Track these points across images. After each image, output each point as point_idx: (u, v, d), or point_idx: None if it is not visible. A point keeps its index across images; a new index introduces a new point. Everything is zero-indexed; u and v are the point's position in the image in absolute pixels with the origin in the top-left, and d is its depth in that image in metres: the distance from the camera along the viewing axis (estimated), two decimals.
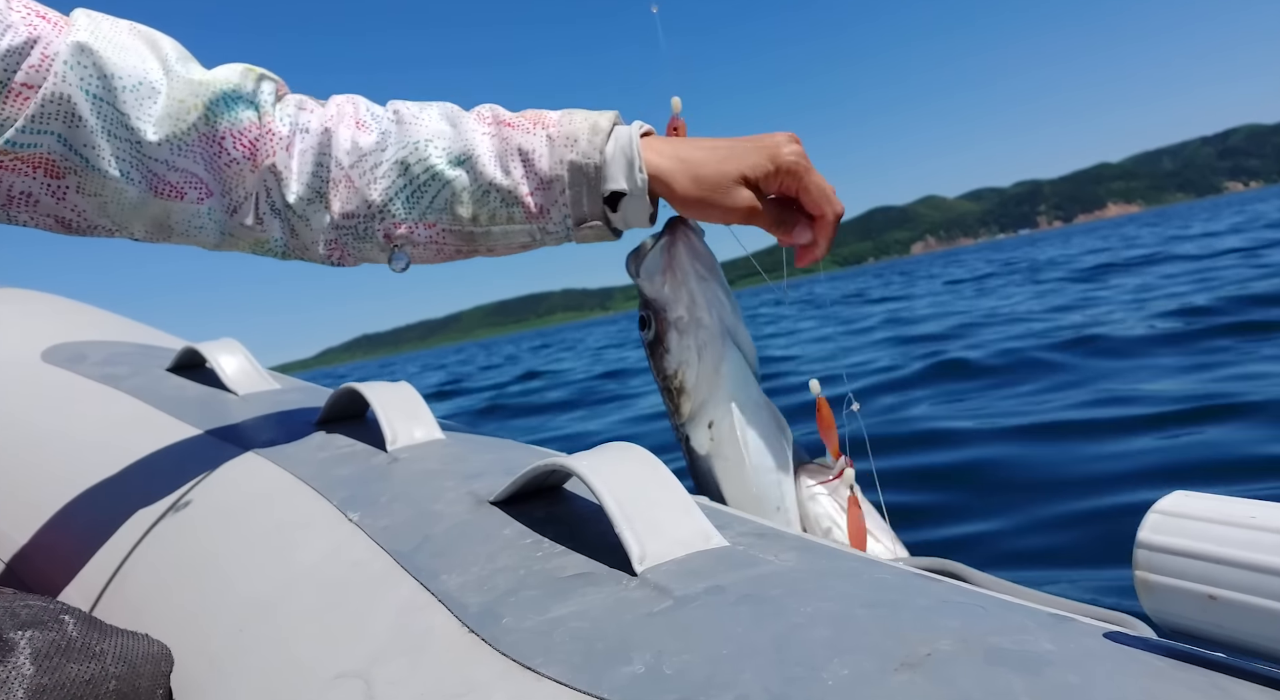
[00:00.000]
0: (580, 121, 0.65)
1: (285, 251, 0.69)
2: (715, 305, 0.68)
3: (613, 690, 0.33)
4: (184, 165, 0.61)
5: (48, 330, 1.07)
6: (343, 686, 0.40)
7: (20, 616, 0.44)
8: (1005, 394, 3.01)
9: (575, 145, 0.65)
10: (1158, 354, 3.21)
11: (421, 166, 0.65)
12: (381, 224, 0.67)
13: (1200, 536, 0.28)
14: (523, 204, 0.66)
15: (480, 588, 0.43)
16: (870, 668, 0.30)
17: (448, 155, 0.66)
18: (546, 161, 0.65)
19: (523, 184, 0.66)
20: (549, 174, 0.65)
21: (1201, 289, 4.86)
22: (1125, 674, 0.29)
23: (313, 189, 0.66)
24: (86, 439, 0.82)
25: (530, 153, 0.65)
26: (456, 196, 0.66)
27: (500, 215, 0.67)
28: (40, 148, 0.56)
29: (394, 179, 0.66)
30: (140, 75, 0.59)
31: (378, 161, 0.66)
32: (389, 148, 0.66)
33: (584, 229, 0.67)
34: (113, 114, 0.58)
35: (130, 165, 0.60)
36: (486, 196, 0.66)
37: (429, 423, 0.69)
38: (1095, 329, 3.97)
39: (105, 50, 0.58)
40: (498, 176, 0.65)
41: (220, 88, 0.62)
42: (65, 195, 0.59)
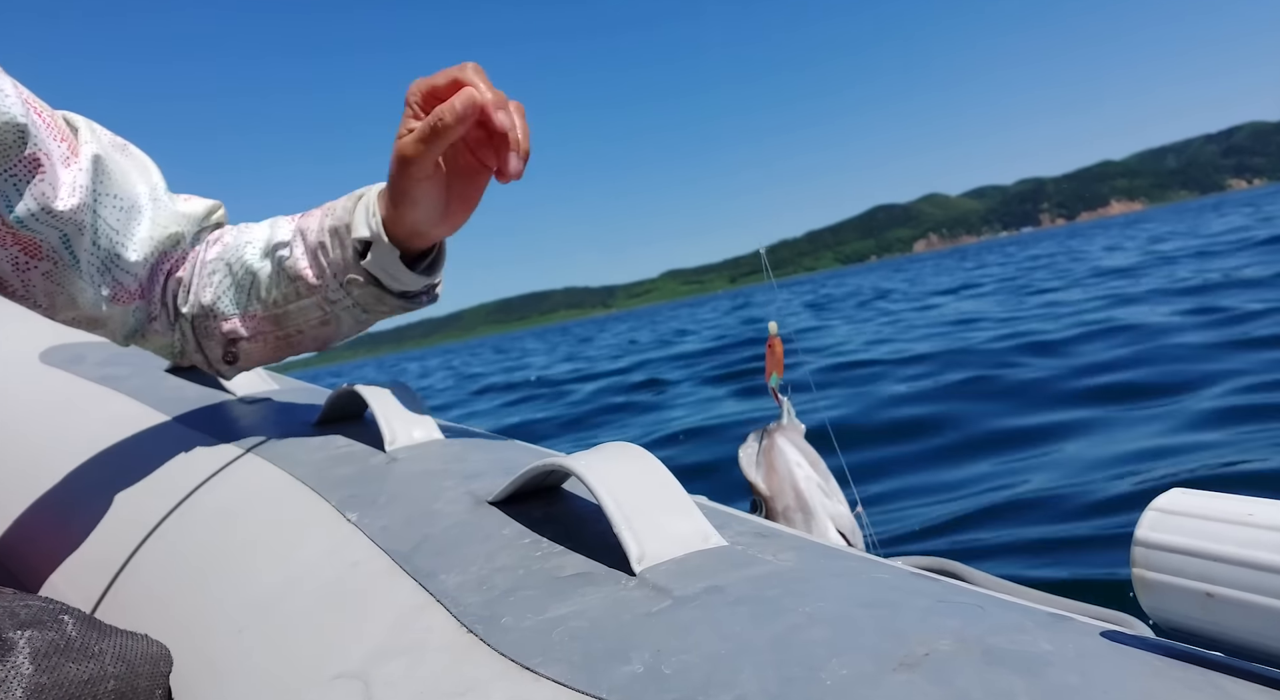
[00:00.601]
0: (349, 198, 0.70)
1: (181, 354, 0.78)
2: (817, 496, 0.76)
3: (611, 690, 0.33)
4: (141, 276, 0.69)
5: (46, 331, 1.07)
6: (341, 687, 0.40)
7: (19, 616, 0.44)
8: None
9: (334, 212, 0.70)
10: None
11: (240, 265, 0.73)
12: (215, 322, 0.74)
13: (1198, 534, 0.28)
14: (302, 276, 0.71)
15: (479, 587, 0.43)
16: (869, 668, 0.30)
17: (258, 251, 0.73)
18: (314, 233, 0.71)
19: (301, 258, 0.71)
20: (315, 242, 0.71)
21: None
22: (1124, 673, 0.29)
23: (188, 298, 0.75)
24: (85, 440, 0.82)
25: (306, 230, 0.72)
26: (262, 283, 0.73)
27: (290, 293, 0.72)
28: (40, 236, 0.60)
29: (221, 278, 0.74)
30: (133, 198, 0.67)
31: (215, 268, 0.74)
32: (222, 256, 0.74)
33: (359, 294, 0.69)
34: (105, 228, 0.65)
35: (102, 273, 0.66)
36: (280, 278, 0.72)
37: (427, 423, 0.69)
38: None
39: (112, 170, 0.65)
40: (285, 256, 0.72)
41: (194, 222, 0.73)
42: (27, 271, 0.62)
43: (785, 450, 0.77)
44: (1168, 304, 5.19)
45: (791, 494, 0.76)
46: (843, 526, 0.75)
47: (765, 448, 0.78)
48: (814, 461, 0.78)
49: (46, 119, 0.60)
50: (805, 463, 0.77)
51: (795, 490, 0.76)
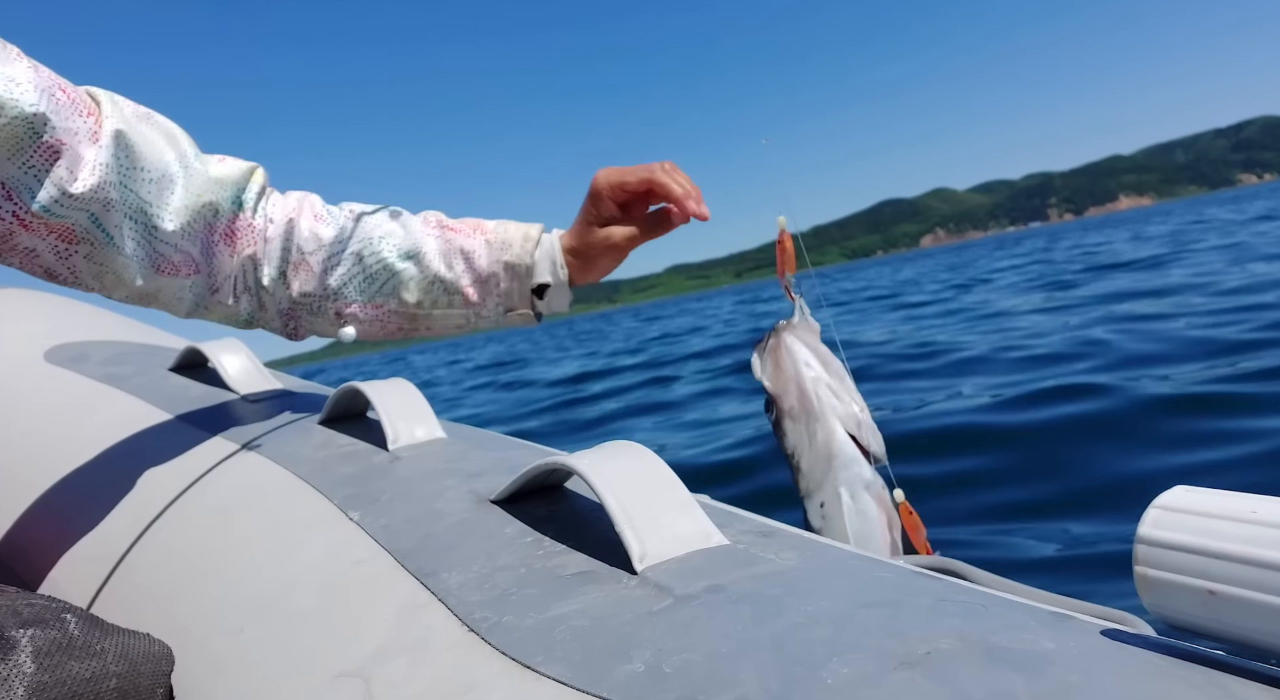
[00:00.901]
0: (514, 231, 0.78)
1: (250, 321, 0.79)
2: (825, 397, 0.73)
3: (613, 689, 0.33)
4: (186, 248, 0.69)
5: (51, 330, 1.07)
6: (343, 685, 0.40)
7: (22, 615, 0.44)
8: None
9: (510, 249, 0.77)
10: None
11: (375, 258, 0.76)
12: (334, 303, 0.77)
13: (1200, 532, 0.28)
14: (462, 294, 0.78)
15: (481, 586, 0.43)
16: (870, 667, 0.30)
17: (398, 250, 0.76)
18: (485, 261, 0.77)
19: (464, 277, 0.77)
20: (486, 271, 0.77)
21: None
22: (1126, 672, 0.29)
23: (279, 271, 0.76)
24: (89, 438, 0.82)
25: (471, 253, 0.77)
26: (404, 285, 0.77)
27: (441, 302, 0.78)
28: (70, 220, 0.61)
29: (349, 267, 0.76)
30: (163, 168, 0.67)
31: (336, 251, 0.76)
32: (347, 241, 0.76)
33: (512, 315, 0.80)
34: (135, 201, 0.65)
35: (141, 246, 0.66)
36: (432, 286, 0.77)
37: (430, 421, 0.69)
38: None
39: (137, 143, 0.65)
40: (442, 270, 0.77)
41: (231, 186, 0.72)
42: (69, 258, 0.63)
43: (794, 349, 0.74)
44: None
45: (796, 393, 0.74)
46: (854, 428, 0.73)
47: (772, 346, 0.75)
48: (826, 360, 0.75)
49: (71, 95, 0.60)
50: (815, 362, 0.74)
51: (800, 390, 0.73)
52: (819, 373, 0.74)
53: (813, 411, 0.73)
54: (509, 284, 0.77)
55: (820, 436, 0.72)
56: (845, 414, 0.73)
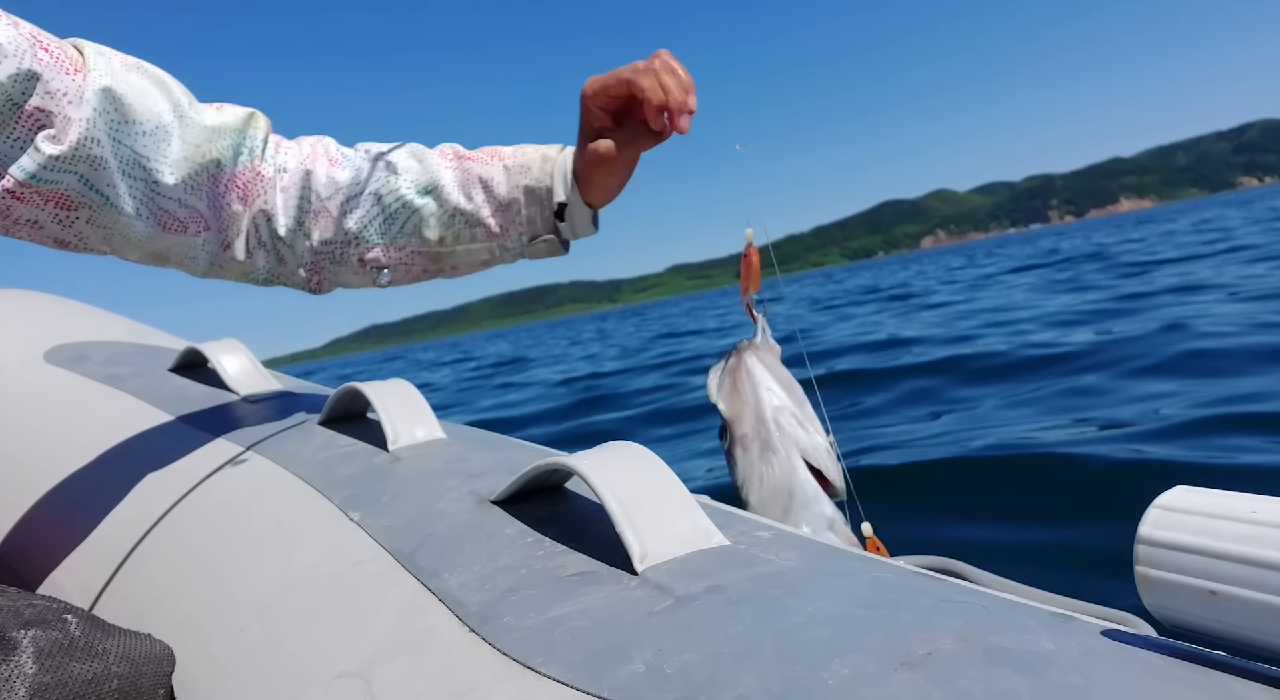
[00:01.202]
0: (532, 153, 0.75)
1: (269, 278, 0.76)
2: (789, 427, 0.68)
3: (613, 689, 0.33)
4: (192, 203, 0.67)
5: (50, 331, 1.07)
6: (343, 686, 0.40)
7: (24, 615, 0.44)
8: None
9: (529, 172, 0.74)
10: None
11: (393, 197, 0.73)
12: (356, 249, 0.74)
13: (1201, 532, 0.28)
14: (484, 225, 0.74)
15: (481, 587, 0.43)
16: (871, 667, 0.30)
17: (416, 186, 0.73)
18: (504, 187, 0.74)
19: (484, 207, 0.74)
20: (507, 197, 0.74)
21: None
22: (1126, 673, 0.29)
23: (296, 221, 0.73)
24: (89, 439, 0.82)
25: (490, 180, 0.74)
26: (424, 222, 0.74)
27: (464, 236, 0.75)
28: (60, 185, 0.59)
29: (368, 208, 0.73)
30: (156, 119, 0.64)
31: (353, 194, 0.73)
32: (363, 182, 0.73)
33: (538, 243, 0.76)
34: (131, 155, 0.62)
35: (142, 203, 0.64)
36: (452, 220, 0.74)
37: (430, 422, 0.69)
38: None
39: (126, 95, 0.62)
40: (461, 202, 0.73)
41: (230, 134, 0.69)
42: (73, 224, 0.61)
43: (754, 371, 0.70)
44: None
45: (752, 420, 0.69)
46: (816, 460, 0.67)
47: (731, 367, 0.71)
48: (788, 385, 0.70)
49: (54, 53, 0.58)
50: (778, 388, 0.69)
51: (758, 417, 0.68)
52: (782, 400, 0.69)
53: (771, 443, 0.68)
54: (530, 209, 0.74)
55: (778, 471, 0.67)
56: (808, 445, 0.68)
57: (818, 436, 0.69)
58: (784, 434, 0.67)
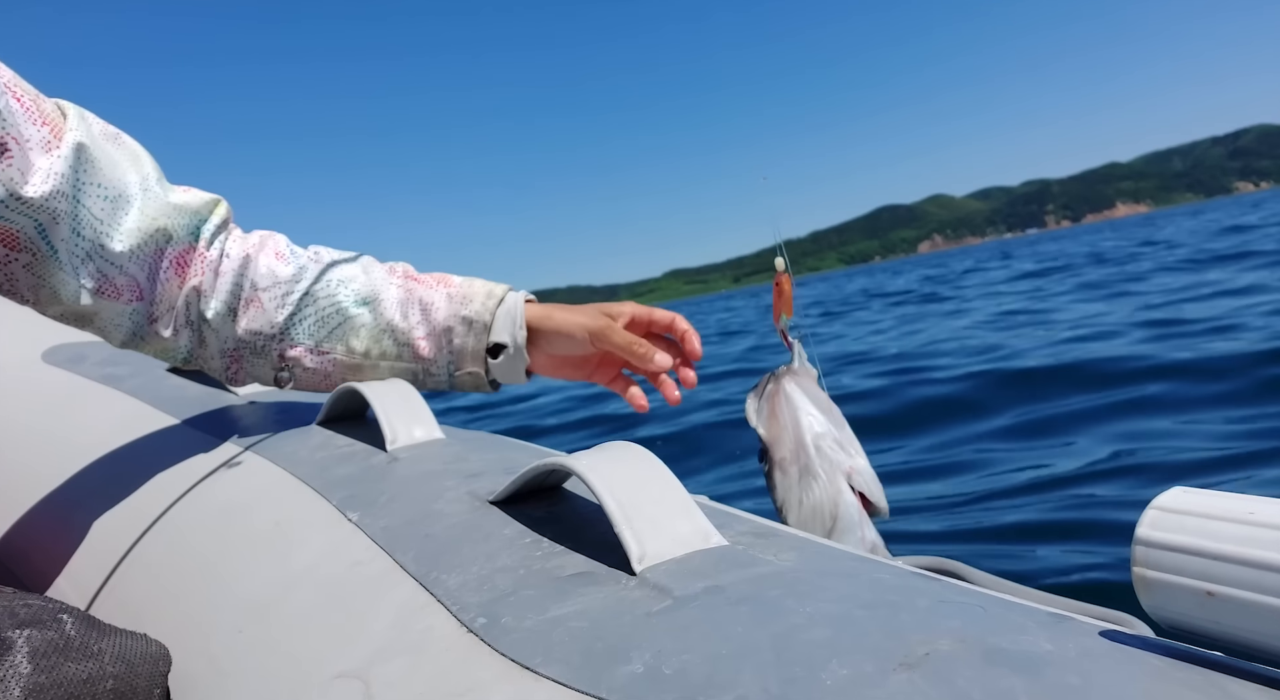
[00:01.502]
0: (479, 287, 0.76)
1: (188, 359, 0.75)
2: (830, 452, 0.68)
3: (612, 690, 0.33)
4: (132, 271, 0.66)
5: (48, 331, 1.07)
6: (341, 687, 0.40)
7: (19, 615, 0.44)
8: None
9: (470, 304, 0.75)
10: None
11: (329, 301, 0.74)
12: (279, 345, 0.74)
13: (1199, 533, 0.28)
14: (413, 346, 0.75)
15: (480, 588, 0.43)
16: (869, 668, 0.30)
17: (355, 296, 0.74)
18: (443, 313, 0.75)
19: (418, 328, 0.75)
20: (442, 324, 0.75)
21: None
22: (1124, 674, 0.29)
23: (227, 306, 0.72)
24: (87, 439, 0.82)
25: (429, 305, 0.75)
26: (355, 331, 0.74)
27: (390, 353, 0.75)
28: (14, 225, 0.59)
29: (301, 307, 0.73)
30: (121, 188, 0.65)
31: (290, 290, 0.73)
32: (303, 280, 0.73)
33: (462, 375, 0.77)
34: (88, 217, 0.62)
35: (84, 263, 0.63)
36: (382, 335, 0.75)
37: (429, 422, 0.69)
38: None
39: (98, 159, 0.63)
40: (396, 319, 0.74)
41: (188, 214, 0.70)
42: (8, 265, 0.61)
43: (792, 396, 0.70)
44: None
45: (792, 445, 0.69)
46: (859, 483, 0.67)
47: (770, 393, 0.71)
48: (827, 409, 0.70)
49: (26, 103, 0.59)
50: (817, 413, 0.69)
51: (798, 442, 0.68)
52: (823, 426, 0.69)
53: (811, 468, 0.68)
54: (463, 339, 0.75)
55: (819, 495, 0.67)
56: (851, 468, 0.68)
57: (860, 459, 0.69)
58: (825, 458, 0.68)
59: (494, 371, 0.76)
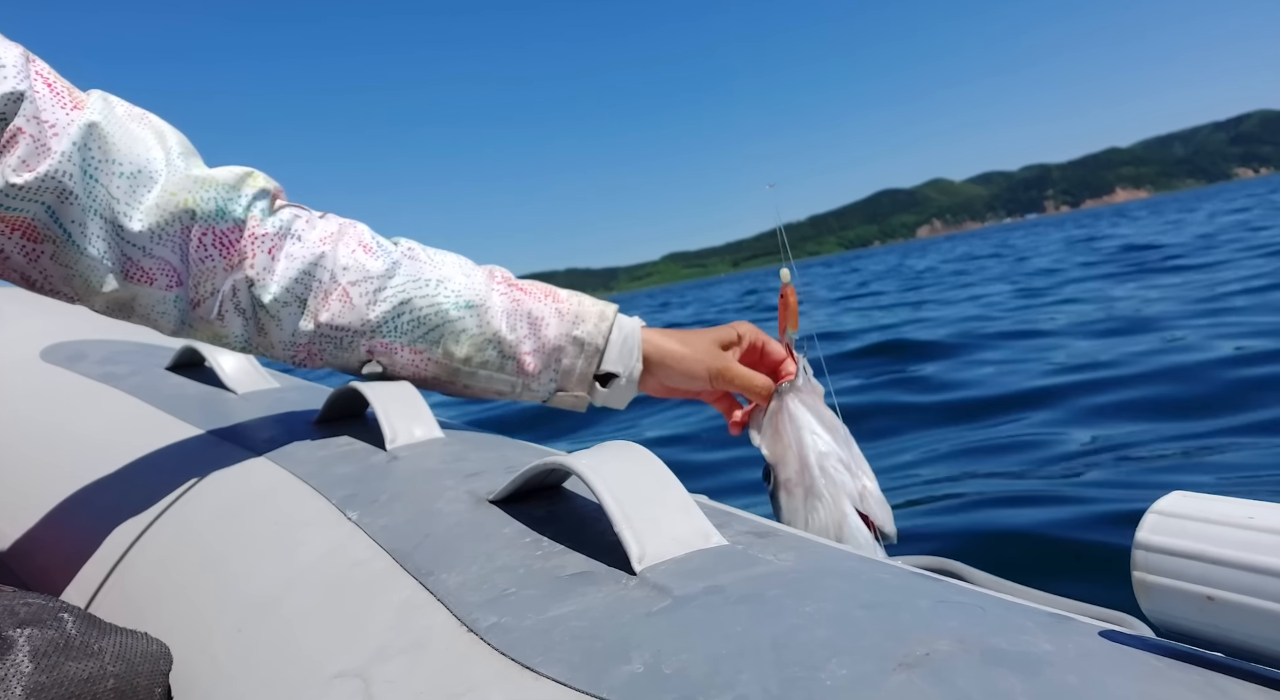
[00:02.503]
0: (589, 306, 0.73)
1: (246, 346, 0.70)
2: (835, 473, 0.67)
3: (611, 690, 0.33)
4: (160, 253, 0.63)
5: (47, 329, 1.07)
6: (341, 686, 0.40)
7: (19, 614, 0.44)
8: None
9: (582, 324, 0.72)
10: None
11: (428, 301, 0.69)
12: (369, 340, 0.70)
13: (1198, 537, 0.28)
14: (518, 360, 0.72)
15: (479, 587, 0.43)
16: (869, 668, 0.30)
17: (458, 299, 0.70)
18: (554, 330, 0.72)
19: (525, 343, 0.72)
20: (554, 342, 0.72)
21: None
22: (1124, 674, 0.29)
23: (293, 294, 0.67)
24: (86, 438, 0.82)
25: (539, 320, 0.72)
26: (455, 336, 0.70)
27: (493, 363, 0.72)
28: (25, 213, 0.57)
29: (396, 305, 0.69)
30: (141, 163, 0.61)
31: (383, 286, 0.69)
32: (397, 276, 0.69)
33: (563, 396, 0.74)
34: (104, 196, 0.60)
35: (107, 246, 0.61)
36: (487, 345, 0.71)
37: (428, 421, 0.69)
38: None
39: (113, 134, 0.60)
40: (503, 329, 0.71)
41: (214, 187, 0.64)
42: (38, 259, 0.60)
43: (797, 414, 0.68)
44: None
45: (796, 465, 0.67)
46: (865, 506, 0.66)
47: (773, 410, 0.69)
48: (833, 428, 0.68)
49: (58, 90, 0.58)
50: (823, 431, 0.67)
51: (803, 462, 0.67)
52: (828, 445, 0.67)
53: (816, 489, 0.66)
54: (574, 361, 0.72)
55: (824, 517, 0.66)
56: (855, 491, 0.67)
57: (866, 481, 0.67)
58: (830, 480, 0.66)
59: (599, 398, 0.74)
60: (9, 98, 0.55)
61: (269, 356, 0.72)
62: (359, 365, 0.72)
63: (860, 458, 0.68)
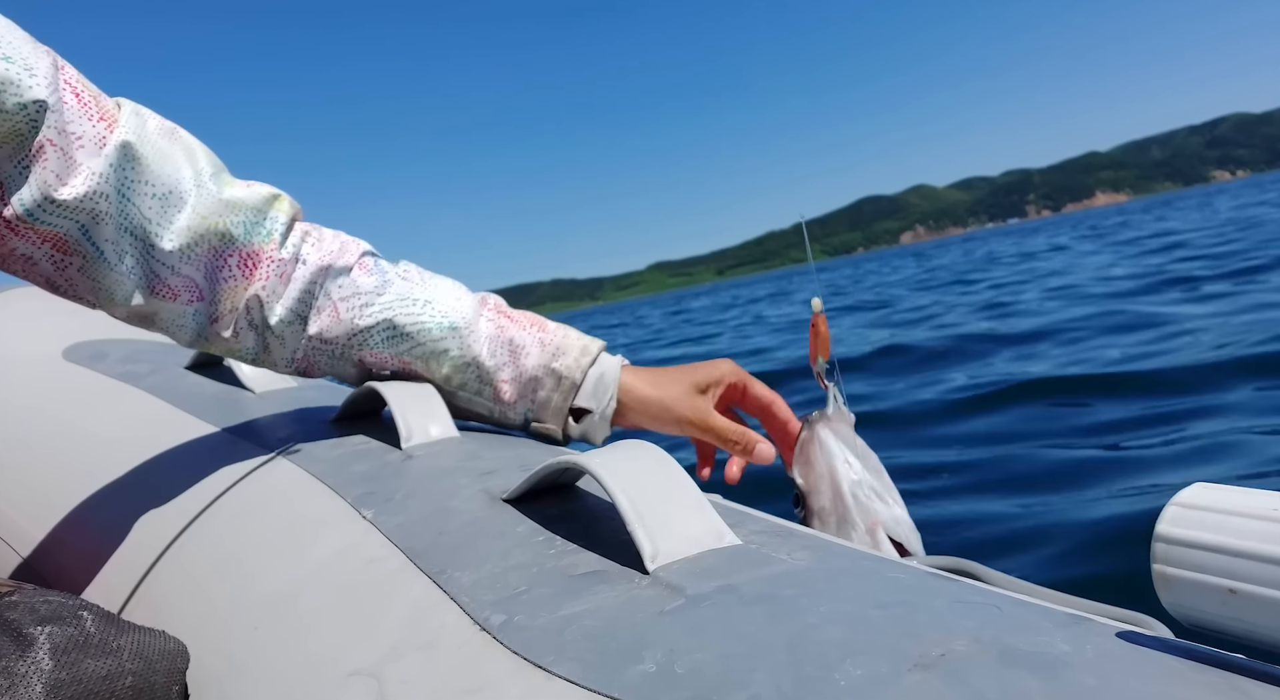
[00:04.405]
0: (574, 340, 0.73)
1: (255, 360, 0.72)
2: (867, 501, 0.67)
3: (624, 689, 0.32)
4: (187, 272, 0.64)
5: (69, 328, 1.08)
6: (355, 684, 0.40)
7: (40, 612, 0.45)
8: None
9: (562, 357, 0.72)
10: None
11: (411, 319, 0.70)
12: (358, 351, 0.71)
13: (1221, 529, 0.28)
14: (495, 387, 0.72)
15: (493, 585, 0.43)
16: (884, 668, 0.30)
17: (443, 319, 0.71)
18: (532, 360, 0.72)
19: (504, 370, 0.72)
20: (531, 373, 0.72)
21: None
22: (1142, 676, 0.29)
23: (295, 313, 0.69)
24: (106, 437, 0.83)
25: (520, 348, 0.72)
26: (436, 357, 0.71)
27: (470, 387, 0.73)
28: (58, 228, 0.58)
29: (380, 320, 0.70)
30: (172, 184, 0.62)
31: (370, 302, 0.70)
32: (386, 294, 0.71)
33: (537, 427, 0.74)
34: (136, 215, 0.61)
35: (136, 263, 0.62)
36: (466, 368, 0.72)
37: (444, 420, 0.69)
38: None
39: (147, 154, 0.61)
40: (483, 355, 0.71)
41: (244, 211, 0.66)
42: (65, 269, 0.60)
43: (828, 443, 0.68)
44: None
45: (829, 494, 0.68)
46: (896, 532, 0.66)
47: (805, 439, 0.70)
48: (864, 456, 0.69)
49: (86, 100, 0.58)
50: (855, 460, 0.68)
51: (835, 490, 0.67)
52: (860, 474, 0.68)
53: (849, 518, 0.67)
54: (549, 393, 0.72)
55: (858, 545, 0.63)
56: (888, 518, 0.67)
57: (897, 508, 0.67)
58: (863, 508, 0.66)
59: (574, 432, 0.74)
60: (37, 107, 0.55)
61: (273, 370, 0.74)
62: (357, 376, 0.74)
63: (890, 485, 0.69)
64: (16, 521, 0.79)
